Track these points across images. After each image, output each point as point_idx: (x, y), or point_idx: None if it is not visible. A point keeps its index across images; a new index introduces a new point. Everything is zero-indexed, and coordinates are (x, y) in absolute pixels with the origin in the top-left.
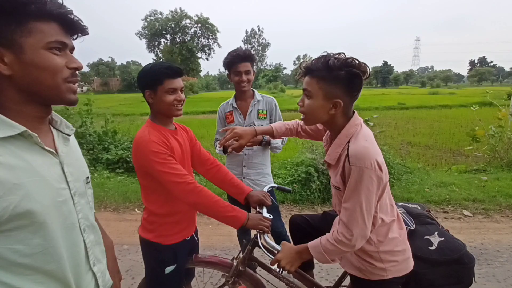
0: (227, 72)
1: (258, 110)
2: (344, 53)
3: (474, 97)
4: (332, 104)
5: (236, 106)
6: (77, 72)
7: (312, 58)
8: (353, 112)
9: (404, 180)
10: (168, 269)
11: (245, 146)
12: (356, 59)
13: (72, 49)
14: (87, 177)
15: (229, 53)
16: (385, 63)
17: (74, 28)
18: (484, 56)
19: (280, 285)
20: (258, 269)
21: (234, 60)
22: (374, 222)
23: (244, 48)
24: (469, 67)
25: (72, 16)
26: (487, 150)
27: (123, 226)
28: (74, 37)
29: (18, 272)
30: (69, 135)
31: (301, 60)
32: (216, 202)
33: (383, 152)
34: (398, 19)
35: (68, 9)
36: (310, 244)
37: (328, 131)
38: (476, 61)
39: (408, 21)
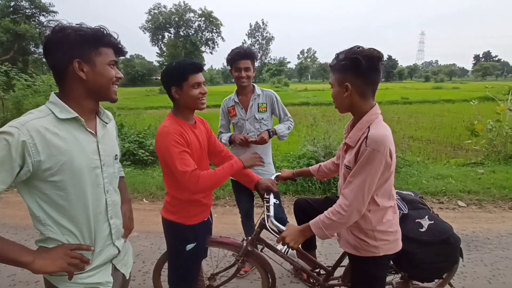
0: (229, 68)
1: (258, 104)
2: (362, 47)
3: (478, 92)
4: (344, 88)
5: (237, 101)
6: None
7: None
8: (375, 103)
9: (403, 172)
10: (189, 246)
11: (251, 144)
12: (361, 47)
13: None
14: (116, 155)
15: (232, 50)
16: (390, 57)
17: (120, 52)
18: (489, 51)
19: (285, 265)
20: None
21: (235, 57)
22: (377, 202)
23: (246, 46)
24: (474, 62)
25: (121, 45)
26: (485, 144)
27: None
28: (118, 57)
29: (58, 210)
30: (107, 123)
31: (305, 54)
32: (216, 173)
33: None
34: (402, 12)
35: (119, 40)
36: (311, 222)
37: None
38: (481, 56)
39: (412, 12)
